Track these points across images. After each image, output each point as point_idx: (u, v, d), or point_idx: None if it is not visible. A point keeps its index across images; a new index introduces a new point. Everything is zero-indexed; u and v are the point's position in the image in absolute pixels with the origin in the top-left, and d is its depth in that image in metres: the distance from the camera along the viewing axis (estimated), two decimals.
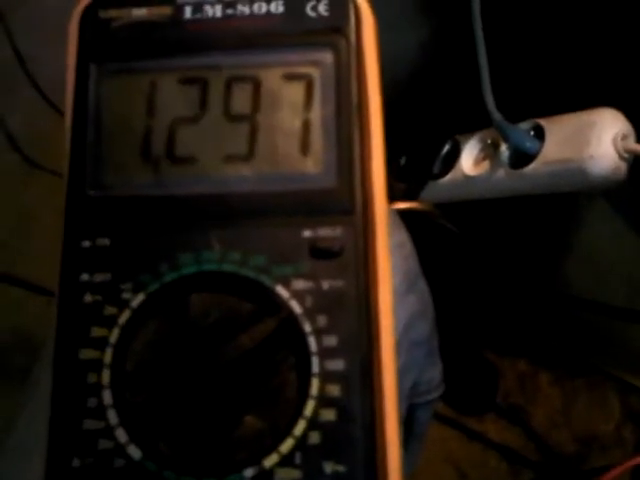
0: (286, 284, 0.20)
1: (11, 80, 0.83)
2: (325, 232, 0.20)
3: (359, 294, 0.20)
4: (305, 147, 0.21)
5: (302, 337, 0.20)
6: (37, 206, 0.76)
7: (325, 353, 0.19)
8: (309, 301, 0.20)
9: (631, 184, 0.43)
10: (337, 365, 0.19)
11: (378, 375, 0.20)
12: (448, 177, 0.52)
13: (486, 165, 0.50)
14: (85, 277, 0.20)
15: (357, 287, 0.20)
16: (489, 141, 0.51)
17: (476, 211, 0.54)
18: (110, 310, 0.20)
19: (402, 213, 0.39)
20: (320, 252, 0.20)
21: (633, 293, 0.60)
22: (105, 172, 0.21)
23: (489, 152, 0.51)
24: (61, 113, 0.68)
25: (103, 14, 0.22)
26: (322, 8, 0.22)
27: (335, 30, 0.22)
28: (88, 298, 0.20)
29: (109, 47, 0.22)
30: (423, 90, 0.69)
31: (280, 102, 0.21)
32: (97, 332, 0.20)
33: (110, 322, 0.20)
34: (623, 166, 0.43)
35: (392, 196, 0.50)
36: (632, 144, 0.42)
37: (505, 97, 0.45)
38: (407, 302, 0.30)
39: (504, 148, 0.48)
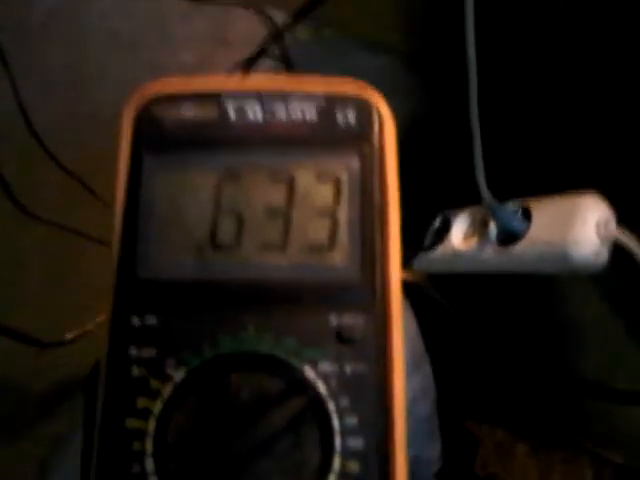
0: (313, 366, 0.22)
1: (9, 127, 0.85)
2: (349, 320, 0.23)
3: (377, 378, 0.22)
4: (332, 242, 0.24)
5: (327, 416, 0.22)
6: (30, 255, 0.78)
7: (347, 432, 0.22)
8: (333, 383, 0.22)
9: (615, 267, 0.46)
10: (357, 443, 0.22)
11: (392, 454, 0.22)
12: (439, 250, 0.54)
13: (475, 241, 0.52)
14: (133, 352, 0.22)
15: (376, 372, 0.22)
16: (478, 218, 0.53)
17: (466, 285, 0.57)
18: (154, 384, 0.22)
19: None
20: (344, 338, 0.23)
21: (611, 371, 0.62)
22: (154, 257, 0.23)
23: (478, 228, 0.53)
24: (57, 161, 0.70)
25: (157, 111, 0.25)
26: (350, 116, 0.25)
27: (361, 137, 0.25)
28: (135, 371, 0.22)
29: (162, 142, 0.24)
30: (416, 162, 0.72)
31: (312, 200, 0.24)
32: (142, 403, 0.22)
33: (154, 394, 0.22)
34: (604, 251, 0.45)
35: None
36: (613, 230, 0.45)
37: (496, 175, 0.48)
38: (411, 382, 0.32)
39: (493, 226, 0.50)
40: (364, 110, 0.25)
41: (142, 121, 0.25)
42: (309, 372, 0.22)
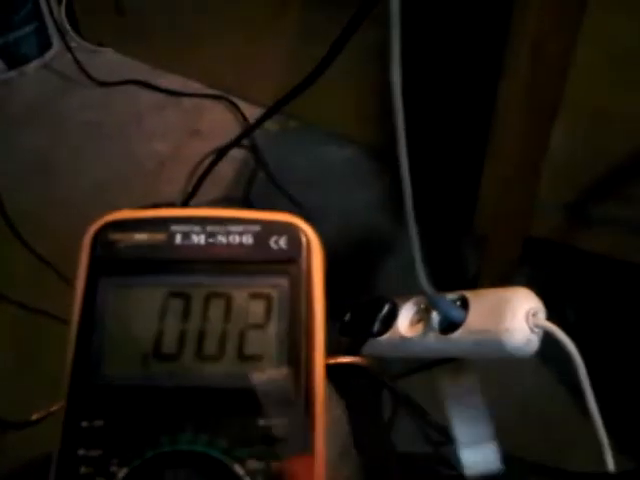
0: (242, 463, 0.26)
1: None
2: (275, 422, 0.26)
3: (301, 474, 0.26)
4: (262, 353, 0.27)
5: None
6: None
7: None
8: (260, 478, 0.25)
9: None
10: None
11: None
12: (386, 336, 0.57)
13: (420, 328, 0.55)
14: (82, 452, 0.25)
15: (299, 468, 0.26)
16: (422, 306, 0.56)
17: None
18: None
19: (344, 366, 0.44)
20: (270, 438, 0.26)
21: (557, 446, 0.65)
22: (104, 365, 0.27)
23: (423, 316, 0.55)
24: (27, 245, 0.73)
25: (111, 236, 0.28)
26: (282, 242, 0.29)
27: (291, 260, 0.28)
28: (83, 470, 0.25)
29: (115, 263, 0.28)
30: (375, 250, 0.77)
31: (245, 315, 0.28)
32: None
33: None
34: (535, 339, 0.48)
35: (336, 349, 0.56)
36: (541, 320, 0.49)
37: (439, 263, 0.52)
38: (343, 467, 0.35)
39: (435, 315, 0.53)
40: (294, 236, 0.29)
41: (98, 244, 0.28)
42: (238, 469, 0.25)
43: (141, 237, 0.28)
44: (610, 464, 0.48)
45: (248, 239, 0.29)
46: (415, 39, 0.46)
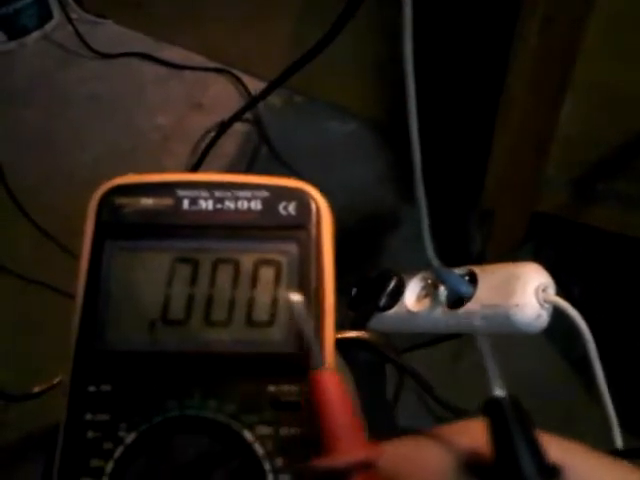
0: (252, 429, 0.25)
1: None
2: (285, 388, 0.26)
3: (310, 441, 0.25)
4: (272, 318, 0.27)
5: (262, 475, 0.25)
6: (1, 308, 0.80)
7: None
8: (269, 445, 0.25)
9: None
10: None
11: None
12: (393, 311, 0.56)
13: (427, 303, 0.55)
14: (89, 416, 0.25)
15: (309, 435, 0.25)
16: (430, 281, 0.56)
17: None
18: (107, 445, 0.25)
19: (350, 340, 0.44)
20: (280, 405, 0.26)
21: (561, 421, 0.65)
22: (110, 330, 0.26)
23: (430, 291, 0.55)
24: (30, 218, 0.73)
25: (117, 200, 0.28)
26: (291, 208, 0.28)
27: (300, 226, 0.28)
28: (90, 434, 0.25)
29: (121, 228, 0.27)
30: (379, 225, 0.76)
31: (254, 281, 0.27)
32: (95, 463, 0.25)
33: (107, 455, 0.25)
34: (544, 314, 0.48)
35: (343, 324, 0.56)
36: (551, 295, 0.48)
37: (446, 238, 0.51)
38: None
39: (442, 289, 0.53)
40: (303, 202, 0.28)
41: (104, 208, 0.28)
42: (247, 435, 0.25)
43: (147, 202, 0.28)
44: (618, 440, 0.48)
45: (257, 205, 0.28)
46: (426, 11, 0.45)
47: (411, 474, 0.25)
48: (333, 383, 0.26)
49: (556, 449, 0.25)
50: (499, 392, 0.26)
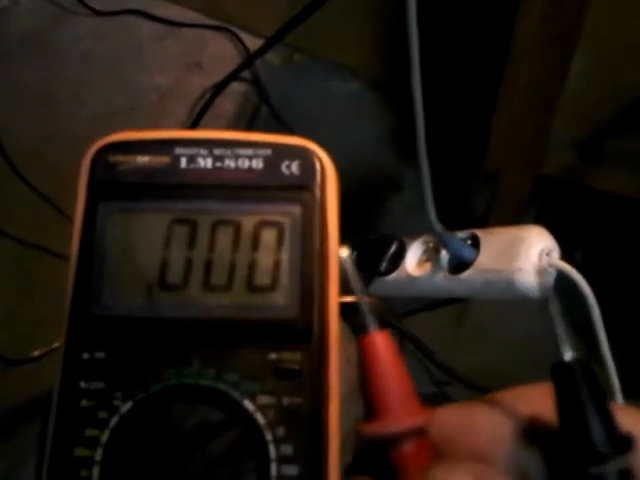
0: (252, 399, 0.24)
1: None
2: (287, 356, 0.25)
3: (313, 410, 0.24)
4: (274, 283, 0.26)
5: (264, 445, 0.24)
6: None
7: (282, 460, 0.24)
8: (271, 414, 0.24)
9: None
10: (292, 471, 0.24)
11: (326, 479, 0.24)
12: (394, 275, 0.56)
13: (428, 267, 0.54)
14: (83, 384, 0.24)
15: (312, 404, 0.24)
16: (431, 245, 0.55)
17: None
18: (102, 414, 0.24)
19: (350, 304, 0.43)
20: (282, 373, 0.25)
21: None
22: (105, 294, 0.25)
23: (431, 255, 0.55)
24: (26, 181, 0.72)
25: (112, 158, 0.27)
26: (294, 167, 0.27)
27: (304, 187, 0.27)
28: (84, 403, 0.24)
29: (115, 187, 0.26)
30: (380, 187, 0.75)
31: (256, 244, 0.26)
32: (90, 433, 0.24)
33: (102, 425, 0.24)
34: (548, 278, 0.47)
35: (342, 289, 0.55)
36: (555, 260, 0.47)
37: (448, 202, 0.50)
38: (352, 407, 0.34)
39: (444, 254, 0.52)
40: (307, 161, 0.27)
41: (97, 167, 0.26)
42: (248, 404, 0.24)
43: (144, 160, 0.27)
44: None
45: (258, 163, 0.27)
46: None
47: (465, 440, 0.24)
48: (385, 345, 0.25)
49: (627, 418, 0.23)
50: (568, 355, 0.24)
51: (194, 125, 0.81)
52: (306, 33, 0.66)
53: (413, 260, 0.55)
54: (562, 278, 0.48)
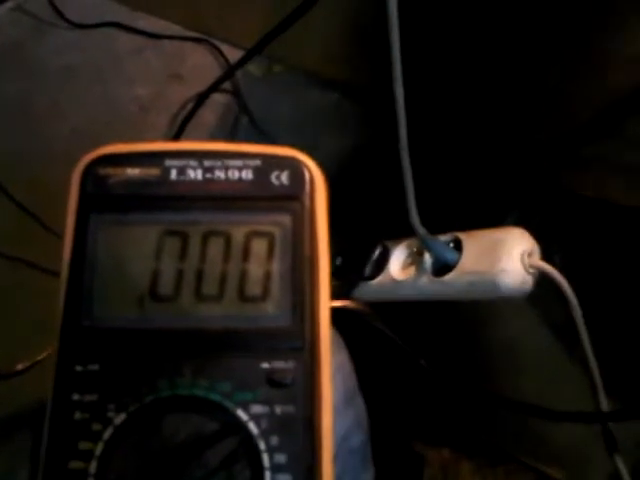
0: (246, 408, 0.25)
1: None
2: (280, 365, 0.25)
3: (306, 418, 0.25)
4: (265, 292, 0.26)
5: (257, 454, 0.24)
6: None
7: (276, 469, 0.24)
8: (264, 423, 0.24)
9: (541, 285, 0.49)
10: (286, 479, 0.24)
11: None
12: (378, 279, 0.57)
13: (412, 271, 0.55)
14: (76, 397, 0.24)
15: (304, 412, 0.25)
16: (415, 249, 0.55)
17: (403, 309, 0.59)
18: (96, 426, 0.24)
19: (335, 310, 0.43)
20: (275, 382, 0.25)
21: (546, 386, 0.65)
22: (97, 306, 0.25)
23: (415, 259, 0.55)
24: (8, 194, 0.71)
25: (102, 170, 0.27)
26: (284, 178, 0.27)
27: (293, 197, 0.27)
28: (77, 415, 0.24)
29: (106, 200, 0.26)
30: (360, 194, 0.75)
31: (246, 254, 0.26)
32: (84, 445, 0.24)
33: (96, 437, 0.24)
34: (530, 279, 0.48)
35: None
36: (537, 260, 0.48)
37: (430, 207, 0.51)
38: (345, 416, 0.35)
39: (427, 257, 0.52)
40: (296, 171, 0.27)
41: (88, 179, 0.27)
42: (241, 414, 0.24)
43: (134, 172, 0.27)
44: (603, 403, 0.48)
45: (248, 174, 0.27)
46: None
47: None
48: None
49: None
50: None
51: (177, 136, 0.81)
52: (286, 44, 0.67)
53: (397, 264, 0.56)
54: (541, 279, 0.49)
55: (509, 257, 0.47)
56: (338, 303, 0.58)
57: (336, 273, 0.62)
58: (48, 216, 0.80)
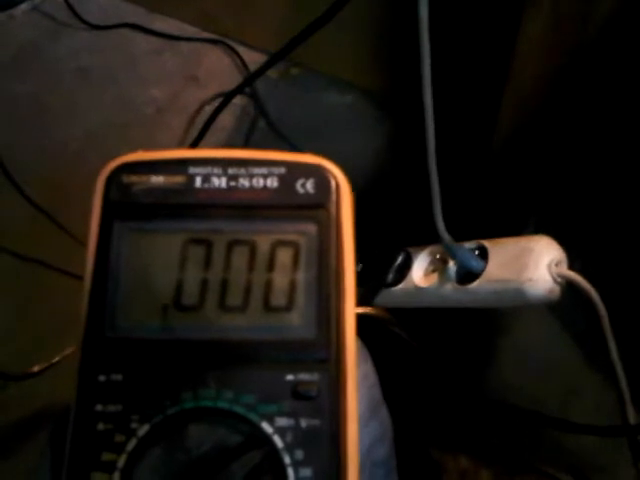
0: (270, 421, 0.24)
1: None
2: (305, 377, 0.24)
3: (331, 431, 0.24)
4: (290, 303, 0.25)
5: (282, 468, 0.23)
6: None
7: None
8: (289, 437, 0.24)
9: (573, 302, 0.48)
10: None
11: None
12: (400, 286, 0.56)
13: (435, 278, 0.54)
14: (99, 407, 0.24)
15: (330, 425, 0.24)
16: (438, 256, 0.55)
17: (422, 316, 0.58)
18: (119, 438, 0.23)
19: (358, 317, 0.43)
20: (300, 394, 0.24)
21: (566, 396, 0.64)
22: (120, 316, 0.25)
23: (438, 266, 0.54)
24: (23, 194, 0.71)
25: (126, 178, 0.26)
26: (309, 186, 0.27)
27: (319, 206, 0.26)
28: (101, 426, 0.24)
29: (130, 208, 0.26)
30: (379, 200, 0.74)
31: (271, 264, 0.26)
32: (107, 457, 0.23)
33: (119, 448, 0.23)
34: (557, 289, 0.47)
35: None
36: (564, 270, 0.47)
37: (455, 214, 0.50)
38: (370, 428, 0.34)
39: (452, 264, 0.52)
40: (322, 179, 0.27)
41: (112, 187, 0.26)
42: (266, 427, 0.24)
43: (158, 180, 0.26)
44: (631, 415, 0.47)
45: (273, 182, 0.26)
46: None
47: None
48: None
49: None
50: None
51: (197, 140, 0.80)
52: (303, 47, 0.66)
53: (420, 271, 0.55)
54: (570, 287, 0.48)
55: (537, 266, 0.47)
56: (359, 310, 0.57)
57: (357, 279, 0.61)
58: (63, 216, 0.80)
